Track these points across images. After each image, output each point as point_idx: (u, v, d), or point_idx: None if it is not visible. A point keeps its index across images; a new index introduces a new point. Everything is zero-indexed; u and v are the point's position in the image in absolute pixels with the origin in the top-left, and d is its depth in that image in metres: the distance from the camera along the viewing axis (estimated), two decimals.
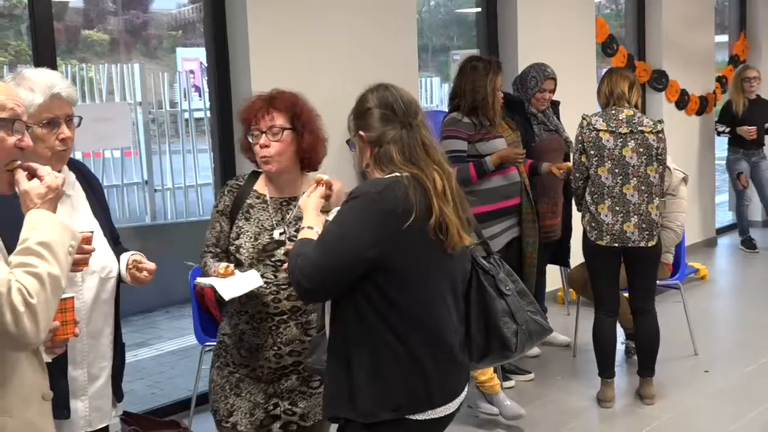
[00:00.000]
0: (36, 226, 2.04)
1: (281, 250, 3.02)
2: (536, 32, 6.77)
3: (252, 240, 3.06)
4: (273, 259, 3.04)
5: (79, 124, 2.71)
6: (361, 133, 2.64)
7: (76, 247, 2.11)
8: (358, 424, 2.53)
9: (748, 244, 8.68)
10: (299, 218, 2.94)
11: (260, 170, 3.18)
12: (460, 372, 2.65)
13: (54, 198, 2.11)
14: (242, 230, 3.10)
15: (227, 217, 3.15)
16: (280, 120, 3.05)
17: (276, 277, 3.03)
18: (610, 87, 4.88)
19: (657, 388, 5.05)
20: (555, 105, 5.80)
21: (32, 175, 2.12)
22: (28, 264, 1.97)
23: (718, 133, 8.78)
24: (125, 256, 2.85)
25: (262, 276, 2.99)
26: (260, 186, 3.18)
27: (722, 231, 9.52)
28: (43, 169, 2.13)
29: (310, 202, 2.78)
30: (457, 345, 2.63)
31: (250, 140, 3.08)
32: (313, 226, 2.67)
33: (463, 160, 4.87)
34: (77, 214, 2.74)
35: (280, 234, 3.06)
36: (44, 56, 4.44)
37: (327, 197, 2.86)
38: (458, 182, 4.82)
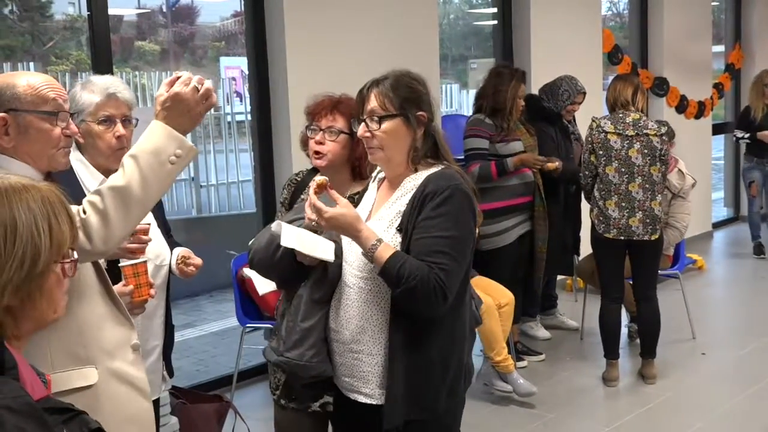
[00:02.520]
0: (145, 136, 2.03)
1: None
2: (548, 43, 6.73)
3: None
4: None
5: (136, 125, 2.68)
6: (421, 113, 2.35)
7: (183, 157, 2.03)
8: (420, 423, 2.32)
9: (758, 250, 8.11)
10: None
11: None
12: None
13: (172, 107, 2.03)
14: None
15: (286, 209, 3.02)
16: (340, 123, 2.87)
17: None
18: (616, 93, 4.84)
19: (658, 369, 5.01)
20: None
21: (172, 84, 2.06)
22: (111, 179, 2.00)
23: (737, 140, 8.20)
24: (177, 251, 2.83)
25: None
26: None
27: (718, 225, 9.44)
28: (185, 78, 2.06)
29: (350, 208, 2.29)
30: None
31: (309, 135, 2.93)
32: (379, 237, 2.27)
33: (484, 157, 4.88)
34: None
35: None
36: (102, 65, 4.46)
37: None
38: (479, 177, 4.83)
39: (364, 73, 5.40)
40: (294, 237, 2.34)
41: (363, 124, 2.39)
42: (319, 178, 2.33)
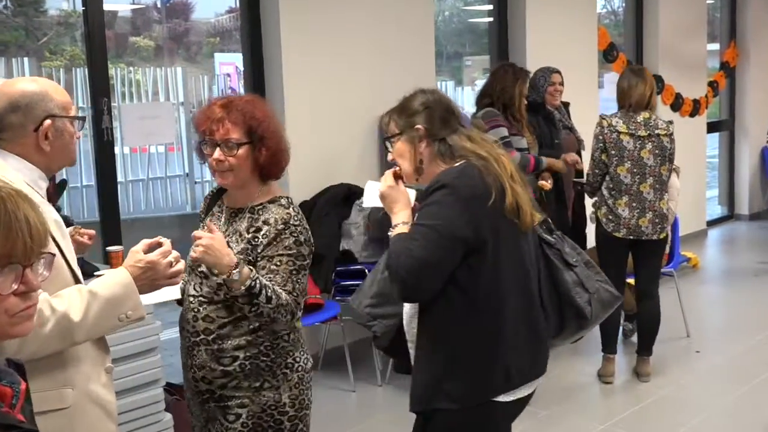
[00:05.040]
0: (111, 280, 2.06)
1: None
2: (543, 40, 6.73)
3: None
4: (200, 269, 2.51)
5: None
6: (419, 126, 2.44)
7: (130, 319, 2.08)
8: (447, 412, 2.36)
9: None
10: (236, 232, 2.52)
11: None
12: (545, 349, 2.52)
13: (143, 269, 2.10)
14: None
15: (201, 226, 2.69)
16: (236, 133, 2.46)
17: (200, 289, 2.52)
18: (632, 91, 4.78)
19: (653, 367, 5.02)
20: (565, 106, 5.79)
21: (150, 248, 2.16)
22: (63, 299, 1.97)
23: None
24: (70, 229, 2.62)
25: (192, 286, 2.55)
26: (227, 194, 2.68)
27: (712, 223, 9.44)
28: (166, 248, 2.16)
29: (401, 195, 2.47)
30: (542, 322, 2.49)
31: (203, 150, 2.53)
32: (407, 221, 2.41)
33: (511, 146, 4.90)
34: None
35: None
36: (96, 60, 4.45)
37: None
38: (519, 165, 4.81)
39: (359, 68, 5.47)
40: (375, 197, 2.59)
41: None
42: (393, 170, 2.52)
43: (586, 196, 5.26)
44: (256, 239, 2.47)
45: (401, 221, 2.40)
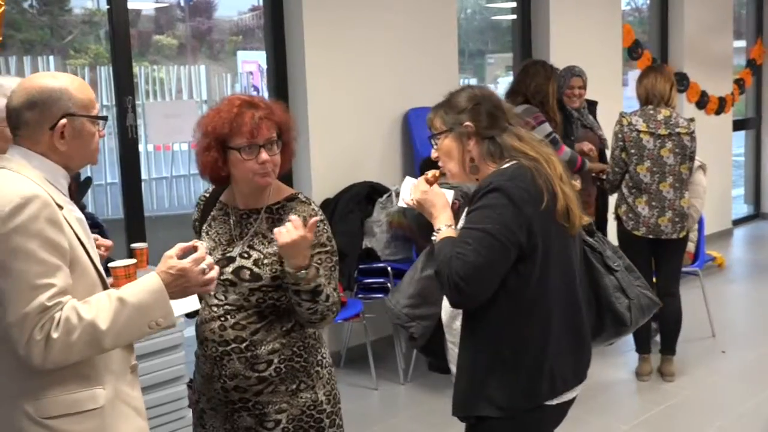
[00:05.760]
0: (141, 286, 2.01)
1: (230, 268, 2.44)
2: (567, 37, 6.70)
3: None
4: (222, 278, 2.42)
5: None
6: (468, 123, 2.38)
7: (161, 326, 2.03)
8: (492, 420, 2.31)
9: None
10: (258, 234, 2.47)
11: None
12: (588, 354, 2.47)
13: (175, 275, 2.04)
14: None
15: (196, 233, 2.63)
16: (274, 131, 2.43)
17: (226, 298, 2.45)
18: (652, 87, 4.77)
19: (677, 367, 4.98)
20: (592, 105, 5.76)
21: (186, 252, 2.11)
22: (91, 306, 1.93)
23: None
24: None
25: (213, 296, 2.47)
26: (225, 195, 2.59)
27: (738, 222, 9.36)
28: (200, 255, 2.10)
29: (437, 197, 2.44)
30: (586, 327, 2.44)
31: (242, 155, 2.37)
32: (450, 223, 2.37)
33: (559, 142, 4.87)
34: None
35: (240, 254, 2.45)
36: (121, 58, 4.48)
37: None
38: (568, 162, 4.75)
39: (382, 66, 5.46)
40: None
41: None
42: (433, 172, 2.48)
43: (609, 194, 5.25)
44: None
45: (444, 224, 2.36)
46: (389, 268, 5.02)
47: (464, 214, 2.38)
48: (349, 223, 5.10)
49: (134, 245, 3.68)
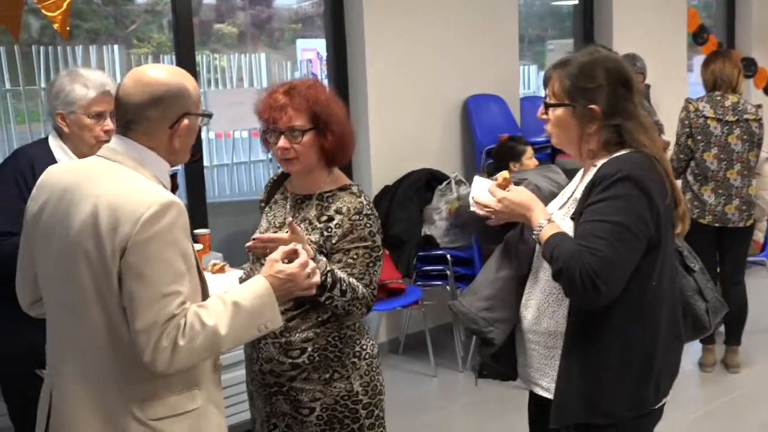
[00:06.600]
0: (252, 290, 2.02)
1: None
2: (630, 23, 6.58)
3: None
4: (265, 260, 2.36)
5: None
6: (595, 107, 2.18)
7: (268, 329, 2.05)
8: (596, 427, 2.20)
9: None
10: (305, 220, 2.48)
11: None
12: (682, 351, 2.35)
13: (284, 280, 2.06)
14: (260, 227, 2.62)
15: (262, 213, 2.68)
16: (300, 119, 2.41)
17: None
18: (720, 72, 4.68)
19: (742, 358, 4.88)
20: (646, 88, 5.66)
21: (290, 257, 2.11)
22: (210, 311, 1.93)
23: None
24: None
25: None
26: (289, 180, 2.64)
27: None
28: (306, 259, 2.11)
29: (521, 196, 2.25)
30: (683, 331, 2.31)
31: (269, 140, 2.47)
32: (549, 217, 2.20)
33: (663, 131, 4.84)
34: None
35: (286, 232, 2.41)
36: (184, 47, 4.55)
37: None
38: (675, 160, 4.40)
39: (442, 52, 5.44)
40: (484, 193, 2.34)
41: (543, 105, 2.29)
42: (503, 174, 2.32)
43: None
44: (329, 229, 2.43)
45: (544, 219, 2.19)
46: (448, 256, 5.01)
47: (562, 206, 2.27)
48: (408, 211, 5.10)
49: (197, 231, 3.74)
